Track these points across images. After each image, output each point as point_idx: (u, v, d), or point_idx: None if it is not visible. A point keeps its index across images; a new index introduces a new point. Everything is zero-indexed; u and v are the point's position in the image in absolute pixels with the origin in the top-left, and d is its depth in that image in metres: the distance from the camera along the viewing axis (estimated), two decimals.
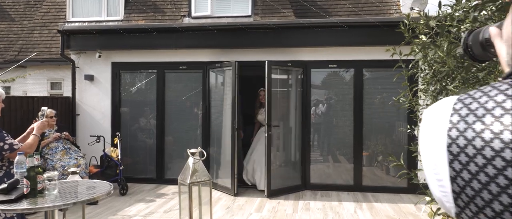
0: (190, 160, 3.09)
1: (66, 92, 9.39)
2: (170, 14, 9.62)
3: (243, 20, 8.78)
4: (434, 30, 2.47)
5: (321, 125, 5.97)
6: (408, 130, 2.69)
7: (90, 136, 5.65)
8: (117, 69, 6.17)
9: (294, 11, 9.70)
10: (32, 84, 9.52)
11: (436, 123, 0.56)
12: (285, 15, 9.31)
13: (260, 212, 4.56)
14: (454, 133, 0.53)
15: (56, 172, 2.15)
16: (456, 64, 1.74)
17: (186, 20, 9.22)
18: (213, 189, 4.03)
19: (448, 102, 0.57)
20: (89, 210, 4.51)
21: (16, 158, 2.10)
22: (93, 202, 4.73)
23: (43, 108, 2.81)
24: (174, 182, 5.80)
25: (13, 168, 2.52)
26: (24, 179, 2.03)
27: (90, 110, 6.17)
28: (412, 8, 9.97)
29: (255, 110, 5.92)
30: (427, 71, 2.41)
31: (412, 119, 5.43)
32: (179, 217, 3.18)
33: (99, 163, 5.55)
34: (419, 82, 2.74)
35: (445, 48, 1.80)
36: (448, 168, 0.53)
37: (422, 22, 2.06)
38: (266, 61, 5.17)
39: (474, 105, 0.52)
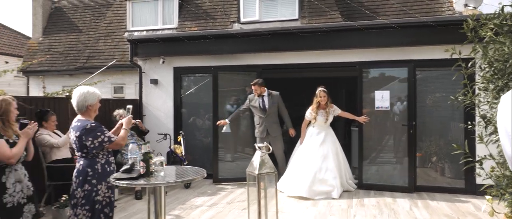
0: (257, 153, 3.43)
1: (127, 95, 10.27)
2: (220, 21, 10.16)
3: (290, 24, 9.06)
4: (494, 30, 2.57)
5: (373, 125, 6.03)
6: (470, 126, 2.80)
7: (158, 134, 6.24)
8: (179, 73, 6.73)
9: (341, 12, 9.77)
10: (98, 88, 10.53)
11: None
12: (332, 17, 9.43)
13: (315, 206, 4.80)
14: None
15: (162, 158, 2.61)
16: None
17: (236, 25, 9.70)
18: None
19: None
20: None
21: (130, 146, 2.61)
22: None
23: (128, 106, 3.24)
24: (229, 180, 6.17)
25: (111, 156, 3.02)
26: (141, 162, 2.53)
27: (155, 111, 6.79)
28: (466, 5, 9.51)
29: (312, 112, 5.46)
30: (487, 69, 2.52)
31: (471, 117, 5.30)
32: (247, 206, 3.52)
33: (165, 159, 6.12)
34: (479, 81, 2.81)
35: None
36: None
37: (488, 20, 2.20)
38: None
39: None
